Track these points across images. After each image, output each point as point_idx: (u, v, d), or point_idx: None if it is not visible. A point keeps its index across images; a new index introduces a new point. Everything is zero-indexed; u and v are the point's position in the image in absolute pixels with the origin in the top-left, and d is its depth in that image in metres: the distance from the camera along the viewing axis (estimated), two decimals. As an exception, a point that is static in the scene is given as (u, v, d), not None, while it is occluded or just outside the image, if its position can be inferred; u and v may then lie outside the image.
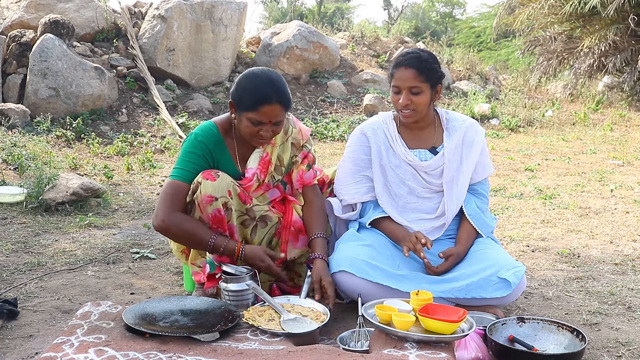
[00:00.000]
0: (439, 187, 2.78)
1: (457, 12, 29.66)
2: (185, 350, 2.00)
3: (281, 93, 2.50)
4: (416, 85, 2.63)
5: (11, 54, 7.74)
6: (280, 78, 2.57)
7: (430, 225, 2.77)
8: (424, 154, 2.80)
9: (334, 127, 8.81)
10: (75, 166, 6.04)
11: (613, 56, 10.10)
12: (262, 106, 2.46)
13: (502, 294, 2.46)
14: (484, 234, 2.76)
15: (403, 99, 2.65)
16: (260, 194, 2.73)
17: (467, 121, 2.86)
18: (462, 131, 2.81)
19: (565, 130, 9.72)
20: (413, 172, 2.78)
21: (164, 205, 2.50)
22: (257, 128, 2.51)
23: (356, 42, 12.07)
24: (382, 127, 2.84)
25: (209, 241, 2.50)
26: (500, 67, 15.16)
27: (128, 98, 8.33)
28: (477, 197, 2.84)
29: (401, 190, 2.79)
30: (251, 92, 2.47)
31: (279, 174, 2.75)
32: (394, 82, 2.68)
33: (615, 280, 3.23)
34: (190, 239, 2.53)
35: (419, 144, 2.82)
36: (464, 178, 2.79)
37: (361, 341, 2.23)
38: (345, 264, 2.52)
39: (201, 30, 9.30)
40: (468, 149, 2.81)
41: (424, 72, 2.63)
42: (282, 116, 2.53)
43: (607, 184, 5.91)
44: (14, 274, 3.18)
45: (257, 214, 2.66)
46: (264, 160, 2.68)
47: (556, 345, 2.26)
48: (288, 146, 2.75)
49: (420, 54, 2.68)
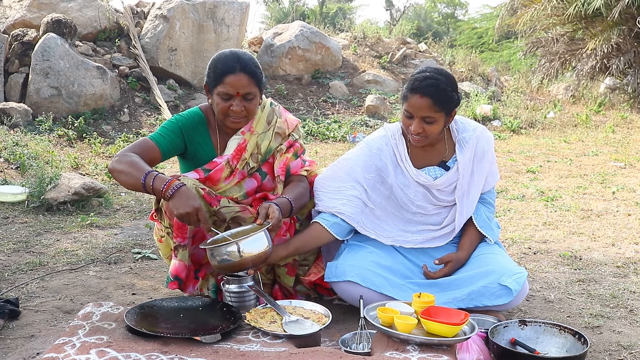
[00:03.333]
0: (449, 203, 2.72)
1: (459, 13, 29.67)
2: (187, 351, 2.00)
3: (245, 63, 2.53)
4: (430, 115, 2.50)
5: (13, 53, 7.75)
6: (247, 53, 2.62)
7: (433, 235, 2.73)
8: (433, 171, 2.69)
9: (335, 127, 8.81)
10: (77, 166, 6.05)
11: (616, 58, 10.09)
12: (227, 76, 2.50)
13: (504, 301, 2.45)
14: (492, 241, 2.74)
15: (415, 126, 2.52)
16: (235, 182, 2.66)
17: (477, 129, 2.74)
18: (474, 142, 2.70)
19: (567, 132, 9.71)
20: (424, 192, 2.68)
21: (122, 150, 2.50)
22: (227, 103, 2.54)
23: (358, 43, 12.08)
24: (390, 144, 2.70)
25: (141, 178, 2.33)
26: (502, 68, 15.16)
27: (130, 98, 8.33)
28: (485, 206, 2.78)
29: (408, 208, 2.70)
30: (216, 67, 2.54)
31: (254, 161, 2.68)
32: (407, 107, 2.53)
33: (617, 283, 3.22)
34: (128, 173, 2.37)
35: (429, 160, 2.70)
36: (475, 191, 2.72)
37: (363, 343, 2.22)
38: (351, 274, 2.48)
39: (203, 30, 9.31)
40: (480, 160, 2.71)
41: (440, 103, 2.49)
42: (250, 89, 2.54)
43: (609, 186, 5.91)
44: (16, 274, 3.17)
45: (227, 216, 2.54)
46: (240, 147, 2.64)
47: (558, 348, 2.26)
48: (269, 135, 2.71)
49: (437, 81, 2.49)
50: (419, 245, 2.71)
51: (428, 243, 2.72)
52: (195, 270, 2.65)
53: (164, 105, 8.16)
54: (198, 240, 2.59)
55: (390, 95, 10.50)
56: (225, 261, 2.29)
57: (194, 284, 2.63)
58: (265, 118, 2.72)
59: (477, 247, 2.72)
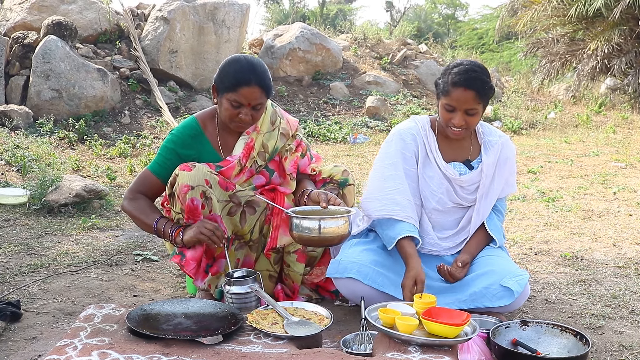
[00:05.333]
0: (468, 202, 2.73)
1: (459, 13, 29.65)
2: (189, 353, 2.00)
3: (261, 77, 2.56)
4: (474, 107, 2.54)
5: (14, 55, 7.75)
6: (262, 64, 2.63)
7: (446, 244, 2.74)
8: (459, 167, 2.71)
9: (336, 129, 8.81)
10: (78, 168, 6.05)
11: (617, 58, 10.09)
12: (242, 87, 2.52)
13: (506, 302, 2.45)
14: (499, 244, 2.74)
15: (458, 119, 2.54)
16: (244, 179, 2.73)
17: (503, 137, 2.78)
18: (499, 147, 2.73)
19: (568, 132, 9.70)
20: (448, 187, 2.69)
21: (130, 188, 2.71)
22: (236, 111, 2.56)
23: (359, 44, 12.08)
24: (421, 134, 2.71)
25: (153, 224, 2.60)
26: (502, 69, 15.17)
27: (131, 100, 8.34)
28: (496, 214, 2.79)
29: (429, 203, 2.71)
30: (232, 74, 2.55)
31: (262, 159, 2.76)
32: (450, 101, 2.54)
33: (618, 283, 3.22)
34: (141, 219, 2.64)
35: (455, 156, 2.73)
36: (493, 195, 2.74)
37: (364, 344, 2.22)
38: (353, 271, 2.49)
39: (204, 32, 9.32)
40: (502, 166, 2.75)
41: (483, 95, 2.54)
42: (261, 100, 2.57)
43: (610, 186, 5.90)
44: (17, 276, 3.18)
45: (242, 200, 2.67)
46: (248, 146, 2.71)
47: (559, 348, 2.26)
48: (275, 135, 2.78)
49: (479, 74, 2.54)
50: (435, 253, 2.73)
51: (443, 251, 2.74)
52: (207, 265, 2.67)
53: (165, 107, 8.17)
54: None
55: (391, 96, 10.50)
56: (305, 234, 2.45)
57: (202, 278, 2.65)
58: (269, 118, 2.78)
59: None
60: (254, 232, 2.72)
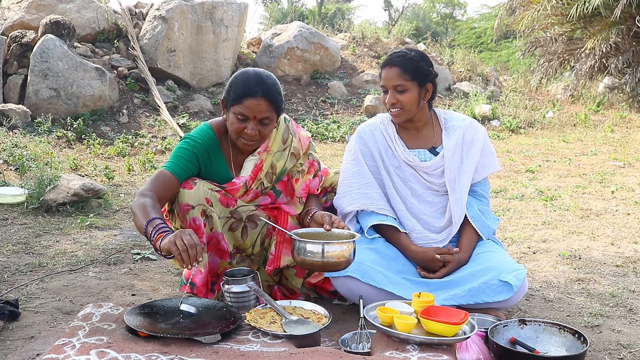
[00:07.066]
0: (440, 187, 2.76)
1: (457, 13, 29.70)
2: (187, 352, 1.99)
3: (268, 89, 2.47)
4: (401, 83, 2.64)
5: (12, 54, 7.74)
6: (272, 77, 2.55)
7: (435, 236, 2.74)
8: (423, 154, 2.77)
9: (334, 128, 8.81)
10: (76, 167, 6.05)
11: (615, 57, 10.10)
12: (247, 99, 2.44)
13: (504, 297, 2.46)
14: (484, 237, 2.75)
15: (389, 97, 2.68)
16: (249, 199, 2.69)
17: (467, 120, 2.84)
18: (462, 131, 2.79)
19: (566, 131, 9.71)
20: (413, 173, 2.75)
21: (142, 188, 2.46)
22: (242, 125, 2.48)
23: (357, 43, 12.08)
24: (379, 129, 2.81)
25: (144, 226, 2.28)
26: (500, 68, 15.17)
27: (129, 99, 8.33)
28: (478, 199, 2.82)
29: (405, 192, 2.77)
30: (239, 86, 2.48)
31: (268, 181, 2.69)
32: (382, 82, 2.72)
33: (616, 282, 3.23)
34: (137, 218, 2.33)
35: (418, 144, 2.80)
36: (466, 178, 2.77)
37: (363, 343, 2.22)
38: (351, 269, 2.49)
39: (202, 31, 9.31)
40: (468, 148, 2.79)
41: (409, 70, 2.64)
42: (269, 114, 2.49)
43: (608, 185, 5.91)
44: (15, 275, 3.17)
45: (243, 215, 2.63)
46: (256, 167, 2.64)
47: (558, 347, 2.26)
48: (285, 155, 2.70)
49: (406, 53, 2.68)
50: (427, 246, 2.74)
51: (435, 244, 2.74)
52: (212, 282, 2.66)
53: (163, 106, 8.16)
54: (213, 246, 2.60)
55: (389, 95, 10.49)
56: (307, 258, 2.37)
57: (210, 297, 2.63)
58: (281, 136, 2.70)
59: (476, 245, 2.73)
60: (255, 245, 2.71)
